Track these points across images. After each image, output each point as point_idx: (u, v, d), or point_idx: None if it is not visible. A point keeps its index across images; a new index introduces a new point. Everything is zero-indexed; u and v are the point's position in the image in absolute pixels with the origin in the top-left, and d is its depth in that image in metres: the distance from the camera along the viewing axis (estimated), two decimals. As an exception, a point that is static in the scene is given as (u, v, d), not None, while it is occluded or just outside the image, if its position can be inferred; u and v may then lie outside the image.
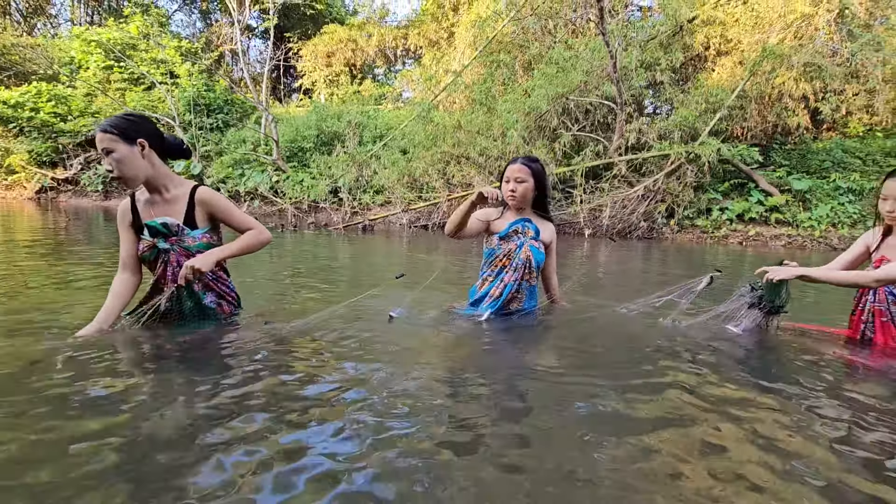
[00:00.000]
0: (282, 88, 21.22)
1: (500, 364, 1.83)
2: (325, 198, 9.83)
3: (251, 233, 1.99)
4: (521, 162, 2.25)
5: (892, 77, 9.17)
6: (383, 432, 1.21)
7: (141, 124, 1.87)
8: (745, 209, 9.03)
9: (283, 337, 2.00)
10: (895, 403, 1.54)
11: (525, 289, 2.27)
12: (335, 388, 1.50)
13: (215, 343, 1.89)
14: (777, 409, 1.46)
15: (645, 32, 10.02)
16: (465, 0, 15.98)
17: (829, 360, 1.98)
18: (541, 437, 1.24)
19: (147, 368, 1.63)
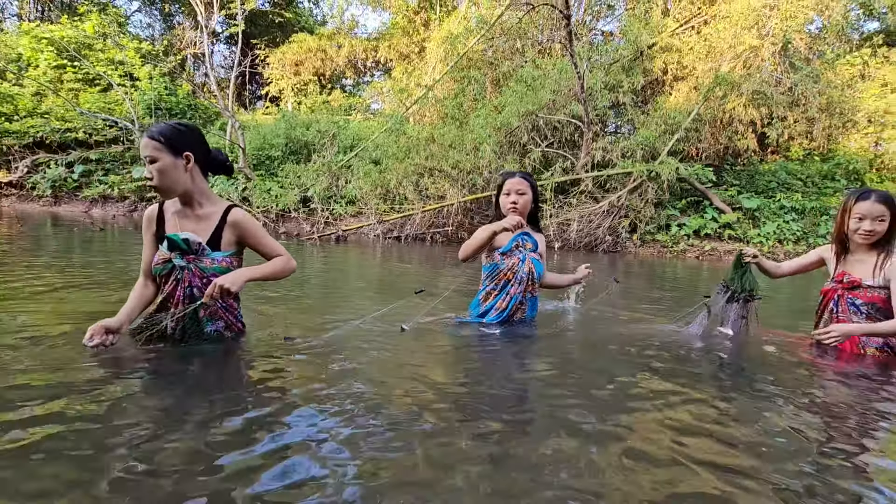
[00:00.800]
0: (247, 95, 20.79)
1: (511, 373, 1.89)
2: (296, 207, 9.67)
3: (281, 259, 1.93)
4: (520, 176, 2.37)
5: (827, 106, 10.03)
6: (403, 442, 1.24)
7: (190, 136, 1.81)
8: (701, 225, 9.56)
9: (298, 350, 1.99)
10: (850, 401, 1.71)
11: (528, 300, 2.37)
12: (349, 400, 1.51)
13: (229, 358, 1.87)
14: (739, 405, 1.59)
15: (608, 56, 10.55)
16: (437, 16, 16.30)
17: (805, 366, 2.16)
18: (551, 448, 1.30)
19: (151, 383, 1.59)
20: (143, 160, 1.75)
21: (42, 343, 1.84)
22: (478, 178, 8.52)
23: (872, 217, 2.17)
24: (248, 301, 2.65)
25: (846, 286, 2.30)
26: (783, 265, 2.60)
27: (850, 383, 1.94)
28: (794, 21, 9.23)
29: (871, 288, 2.23)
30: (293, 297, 3.20)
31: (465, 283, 3.91)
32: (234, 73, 13.34)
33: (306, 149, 11.87)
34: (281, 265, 1.92)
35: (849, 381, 1.97)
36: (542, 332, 2.40)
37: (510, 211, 2.34)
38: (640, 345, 2.32)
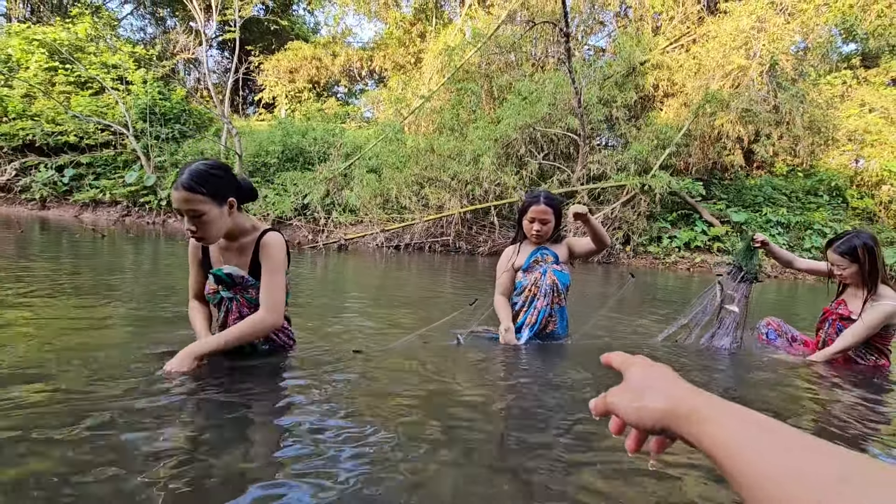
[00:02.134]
0: (239, 101, 20.72)
1: (538, 389, 1.97)
2: (292, 215, 9.68)
3: (256, 317, 1.75)
4: (544, 203, 2.39)
5: (810, 125, 10.43)
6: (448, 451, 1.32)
7: (228, 178, 1.72)
8: (692, 238, 9.82)
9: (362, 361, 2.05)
10: (837, 405, 1.84)
11: (556, 311, 2.44)
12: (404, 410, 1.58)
13: (275, 373, 1.92)
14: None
15: (602, 72, 10.83)
16: (433, 28, 16.52)
17: (802, 375, 2.30)
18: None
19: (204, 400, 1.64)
20: (182, 213, 1.65)
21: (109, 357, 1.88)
22: (477, 189, 8.65)
23: (835, 265, 2.48)
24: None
25: (838, 316, 2.55)
26: (798, 260, 2.80)
27: (841, 396, 2.08)
28: (781, 43, 9.61)
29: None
30: (340, 307, 3.25)
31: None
32: (230, 78, 13.34)
33: (302, 156, 11.90)
34: (249, 326, 1.74)
35: (840, 392, 2.11)
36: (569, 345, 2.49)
37: (534, 239, 2.45)
38: (661, 354, 2.44)
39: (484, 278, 5.71)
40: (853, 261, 2.41)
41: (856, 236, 2.44)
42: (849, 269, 2.43)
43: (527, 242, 2.52)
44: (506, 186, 8.84)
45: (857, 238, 2.42)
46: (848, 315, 2.50)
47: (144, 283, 3.79)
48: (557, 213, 2.43)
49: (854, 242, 2.41)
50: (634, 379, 0.51)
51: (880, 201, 10.81)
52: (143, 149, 12.09)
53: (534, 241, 2.47)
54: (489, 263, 7.48)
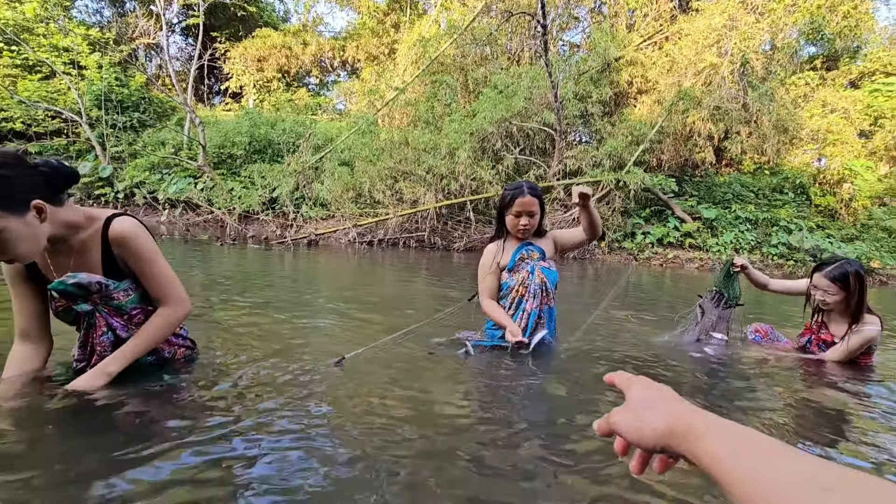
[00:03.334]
0: (205, 90, 19.88)
1: (519, 397, 1.81)
2: (260, 209, 9.27)
3: (162, 314, 1.52)
4: (529, 194, 2.17)
5: (777, 124, 10.67)
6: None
7: (23, 176, 1.27)
8: (664, 234, 9.92)
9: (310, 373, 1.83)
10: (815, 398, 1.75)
11: (545, 313, 2.25)
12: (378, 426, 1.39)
13: (172, 389, 1.68)
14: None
15: (577, 67, 10.79)
16: (407, 19, 16.19)
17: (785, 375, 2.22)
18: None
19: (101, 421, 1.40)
20: None
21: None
22: (452, 183, 8.46)
23: (821, 289, 2.39)
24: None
25: (820, 340, 2.53)
26: (773, 282, 2.74)
27: (820, 390, 2.00)
28: (752, 42, 9.76)
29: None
30: (309, 311, 3.01)
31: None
32: (194, 66, 12.70)
33: (271, 148, 11.45)
34: (162, 323, 1.52)
35: (819, 387, 2.04)
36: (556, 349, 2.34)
37: (521, 234, 2.23)
38: (638, 353, 2.32)
39: (460, 275, 5.54)
40: (843, 288, 2.35)
41: (848, 263, 2.39)
42: (836, 295, 2.36)
43: (510, 238, 2.31)
44: (482, 181, 8.69)
45: (850, 265, 2.37)
46: (830, 340, 2.49)
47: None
48: (542, 204, 2.23)
49: (847, 269, 2.35)
50: (635, 399, 0.52)
51: (841, 199, 11.18)
52: (99, 138, 11.38)
53: (519, 237, 2.26)
54: (465, 259, 7.32)
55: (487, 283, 2.27)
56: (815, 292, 2.43)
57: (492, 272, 2.27)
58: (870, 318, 2.38)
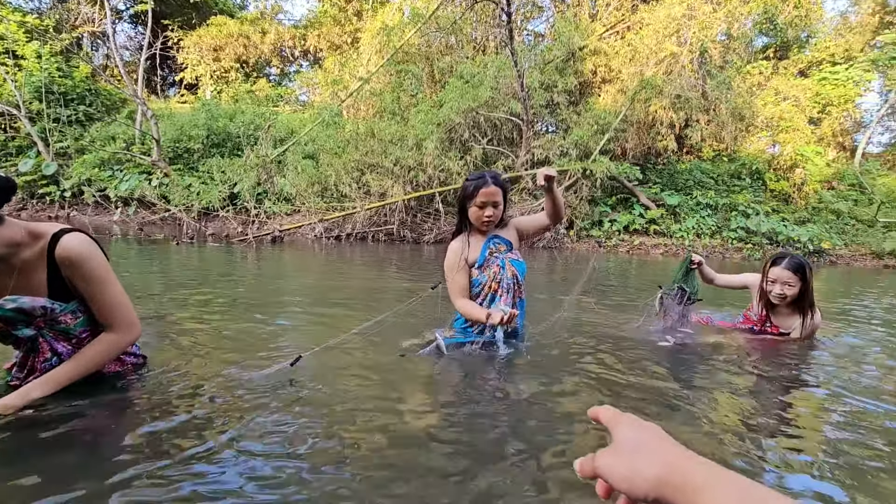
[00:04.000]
0: (157, 81, 18.92)
1: (495, 398, 1.75)
2: (220, 205, 8.90)
3: (106, 340, 1.41)
4: (493, 183, 2.08)
5: (734, 112, 11.01)
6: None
7: None
8: (630, 221, 10.12)
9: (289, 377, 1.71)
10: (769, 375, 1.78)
11: (518, 305, 2.18)
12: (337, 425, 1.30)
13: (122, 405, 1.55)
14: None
15: (542, 56, 10.80)
16: (369, 7, 15.81)
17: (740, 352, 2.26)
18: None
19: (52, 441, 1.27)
20: None
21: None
22: (421, 175, 8.34)
23: (782, 282, 2.40)
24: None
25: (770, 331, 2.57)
26: (718, 277, 2.80)
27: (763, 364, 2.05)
28: (710, 31, 9.99)
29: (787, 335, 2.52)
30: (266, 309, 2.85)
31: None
32: (144, 55, 12.01)
33: (230, 141, 11.00)
34: (103, 350, 1.41)
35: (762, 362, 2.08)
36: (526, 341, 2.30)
37: (485, 227, 2.15)
38: (606, 344, 2.31)
39: (430, 268, 5.47)
40: (802, 279, 2.38)
41: (797, 256, 2.44)
42: (796, 287, 2.39)
43: (474, 232, 2.22)
44: (450, 172, 8.60)
45: (800, 257, 2.43)
46: (777, 332, 2.53)
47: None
48: (505, 193, 2.16)
49: (801, 260, 2.40)
50: (624, 441, 0.48)
51: (794, 183, 11.68)
52: (41, 133, 10.65)
53: (483, 230, 2.18)
54: (435, 252, 7.24)
55: (457, 282, 2.17)
56: (774, 287, 2.42)
57: (460, 269, 2.17)
58: (817, 312, 2.47)
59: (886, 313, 3.91)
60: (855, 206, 12.15)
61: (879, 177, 14.10)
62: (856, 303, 4.43)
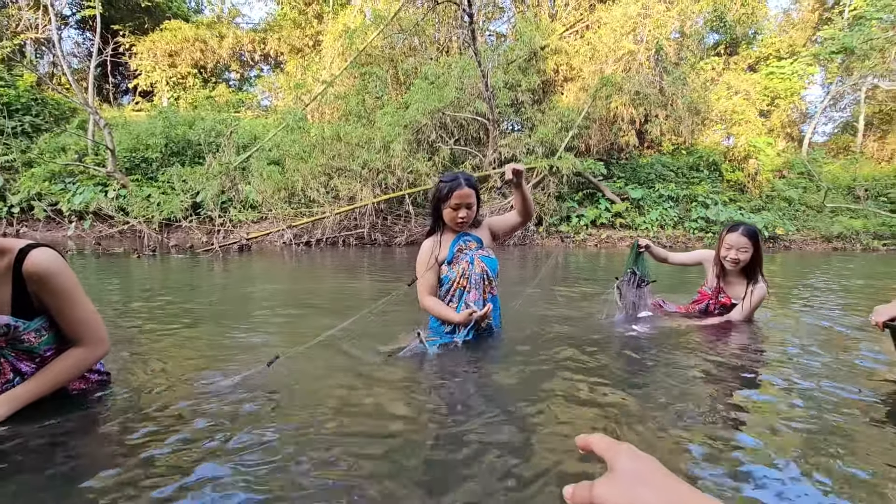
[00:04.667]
0: (109, 89, 18.15)
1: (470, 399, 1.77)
2: (183, 215, 8.62)
3: (75, 356, 1.38)
4: (466, 185, 2.12)
5: (690, 106, 11.44)
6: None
7: None
8: (597, 215, 10.37)
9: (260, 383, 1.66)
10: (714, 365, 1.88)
11: (491, 301, 2.20)
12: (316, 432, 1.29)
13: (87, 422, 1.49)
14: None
15: (506, 56, 10.94)
16: (330, 10, 15.63)
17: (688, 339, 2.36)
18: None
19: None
20: None
21: None
22: (389, 177, 8.31)
23: (738, 248, 2.58)
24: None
25: (717, 303, 2.74)
26: (671, 255, 2.96)
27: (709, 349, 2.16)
28: (664, 29, 10.35)
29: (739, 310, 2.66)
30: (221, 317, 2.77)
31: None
32: (94, 62, 11.51)
33: (190, 149, 10.66)
34: (71, 366, 1.37)
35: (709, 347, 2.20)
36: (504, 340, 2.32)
37: (459, 228, 2.19)
38: (577, 339, 2.37)
39: (402, 270, 5.45)
40: (754, 245, 2.56)
41: (750, 225, 2.63)
42: (748, 252, 2.57)
43: (446, 231, 2.26)
44: (419, 173, 8.60)
45: (753, 226, 2.62)
46: (729, 303, 2.70)
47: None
48: (478, 194, 2.21)
49: (754, 229, 2.59)
50: (625, 472, 0.46)
51: (748, 173, 12.23)
52: (-18, 146, 10.04)
53: (457, 230, 2.22)
54: (407, 254, 7.23)
55: (426, 279, 2.21)
56: (730, 252, 2.59)
57: (430, 268, 2.21)
58: (762, 279, 2.63)
59: (834, 294, 4.15)
60: (804, 193, 12.83)
61: (825, 165, 14.93)
62: (806, 284, 4.69)
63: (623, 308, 2.77)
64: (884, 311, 1.82)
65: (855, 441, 1.36)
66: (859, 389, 1.75)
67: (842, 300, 3.79)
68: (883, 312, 1.82)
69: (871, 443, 1.35)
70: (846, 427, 1.44)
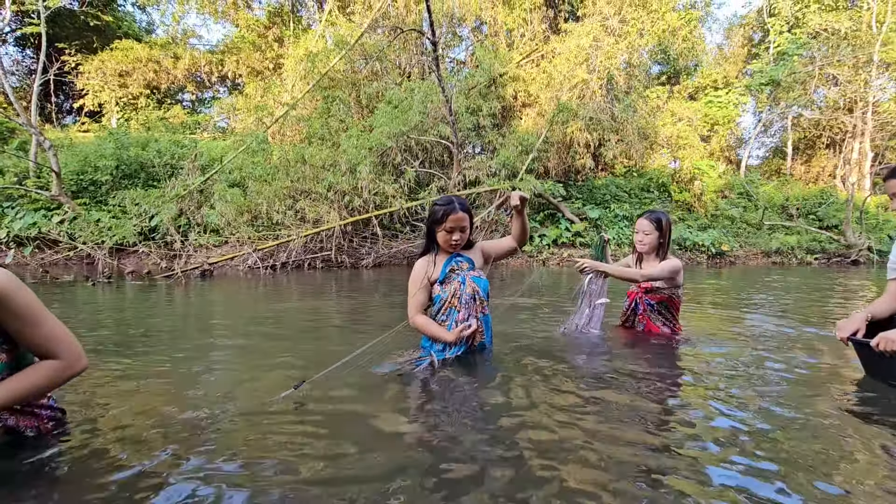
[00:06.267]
0: (52, 108, 17.26)
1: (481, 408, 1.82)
2: (137, 240, 8.24)
3: (53, 367, 1.28)
4: (461, 210, 2.20)
5: (639, 132, 12.17)
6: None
7: None
8: (558, 235, 10.73)
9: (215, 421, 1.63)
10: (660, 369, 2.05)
11: (482, 320, 2.27)
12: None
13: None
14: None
15: (466, 81, 11.31)
16: (291, 33, 15.65)
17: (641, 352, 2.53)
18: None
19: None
20: None
21: None
22: (356, 199, 8.31)
23: (642, 231, 2.86)
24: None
25: (644, 289, 2.91)
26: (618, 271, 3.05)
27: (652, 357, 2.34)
28: (615, 60, 11.05)
29: (658, 290, 2.86)
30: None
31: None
32: (37, 80, 10.97)
33: (144, 171, 10.27)
34: (50, 376, 1.28)
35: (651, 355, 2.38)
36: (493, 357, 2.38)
37: (452, 249, 2.26)
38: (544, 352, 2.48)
39: (372, 292, 5.44)
40: (657, 228, 2.81)
41: (656, 211, 2.91)
42: (651, 234, 2.81)
43: (440, 253, 2.33)
44: (385, 195, 8.65)
45: (660, 212, 2.89)
46: (649, 286, 2.87)
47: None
48: (471, 218, 2.28)
49: (658, 214, 2.87)
50: None
51: (694, 194, 13.06)
52: None
53: (450, 251, 2.29)
54: (374, 275, 7.21)
55: (418, 299, 2.26)
56: (636, 235, 2.87)
57: (422, 287, 2.26)
58: (673, 257, 2.87)
59: (777, 304, 4.50)
60: (745, 212, 13.82)
61: (761, 186, 16.18)
62: (752, 294, 5.06)
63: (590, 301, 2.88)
64: (846, 327, 2.00)
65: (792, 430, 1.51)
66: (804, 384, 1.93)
67: (784, 308, 4.13)
68: (845, 328, 2.00)
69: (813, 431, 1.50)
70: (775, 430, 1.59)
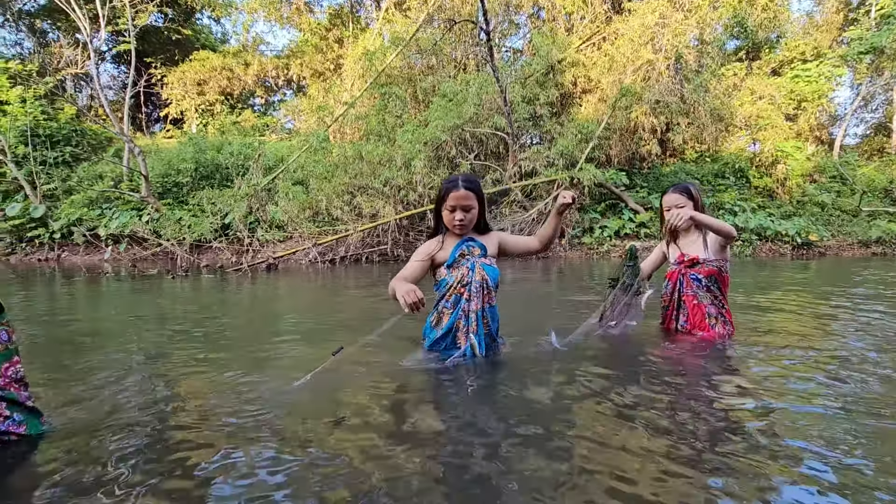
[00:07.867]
0: (142, 118, 19.02)
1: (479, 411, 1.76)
2: (213, 236, 8.89)
3: None
4: (464, 187, 2.07)
5: (713, 113, 11.26)
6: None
7: None
8: (621, 226, 10.23)
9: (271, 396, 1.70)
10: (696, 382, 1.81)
11: (488, 312, 2.14)
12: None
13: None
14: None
15: (523, 71, 11.03)
16: (350, 34, 16.11)
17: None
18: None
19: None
20: None
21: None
22: (411, 194, 8.41)
23: (675, 204, 2.49)
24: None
25: (687, 264, 2.57)
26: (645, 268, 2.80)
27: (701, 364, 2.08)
28: (683, 38, 10.29)
29: (706, 262, 2.51)
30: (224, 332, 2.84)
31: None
32: (129, 93, 12.11)
33: (219, 173, 11.04)
34: None
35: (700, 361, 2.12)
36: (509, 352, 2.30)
37: (458, 230, 2.14)
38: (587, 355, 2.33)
39: (424, 284, 5.47)
40: (690, 198, 2.49)
41: (680, 183, 2.61)
42: (686, 206, 2.47)
43: (449, 235, 2.20)
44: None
45: (689, 183, 2.59)
46: (696, 259, 2.53)
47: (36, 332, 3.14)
48: (480, 197, 2.14)
49: (687, 185, 2.56)
50: None
51: (777, 179, 11.91)
52: (27, 176, 10.63)
53: (457, 233, 2.16)
54: (430, 269, 7.25)
55: (410, 268, 2.13)
56: (669, 214, 2.44)
57: (421, 261, 2.14)
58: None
59: (877, 300, 3.98)
60: (838, 197, 12.39)
61: (859, 167, 14.42)
62: (845, 289, 4.51)
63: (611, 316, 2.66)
64: None
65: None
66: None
67: (886, 306, 3.63)
68: None
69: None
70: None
